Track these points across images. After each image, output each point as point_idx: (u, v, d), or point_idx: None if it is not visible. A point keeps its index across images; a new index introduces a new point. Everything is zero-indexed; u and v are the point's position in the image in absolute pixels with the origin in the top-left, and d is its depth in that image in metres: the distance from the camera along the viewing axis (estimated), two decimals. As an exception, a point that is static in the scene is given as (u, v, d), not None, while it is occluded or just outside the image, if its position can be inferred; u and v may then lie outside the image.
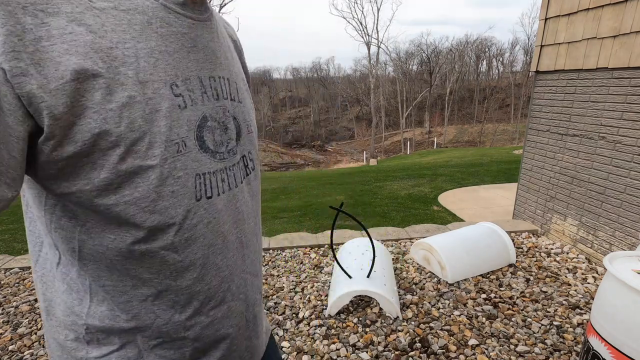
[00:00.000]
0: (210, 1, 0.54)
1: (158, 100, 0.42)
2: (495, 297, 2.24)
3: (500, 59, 44.77)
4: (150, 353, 0.51)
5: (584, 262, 2.68)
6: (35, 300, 2.30)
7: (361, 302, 2.17)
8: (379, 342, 1.86)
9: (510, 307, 2.14)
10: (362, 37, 31.12)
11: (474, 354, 1.77)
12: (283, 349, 1.85)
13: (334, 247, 2.87)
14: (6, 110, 0.34)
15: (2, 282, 2.52)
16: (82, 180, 0.39)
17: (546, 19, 3.01)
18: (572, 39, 2.79)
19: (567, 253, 2.84)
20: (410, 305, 2.16)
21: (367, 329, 1.96)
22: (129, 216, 0.42)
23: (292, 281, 2.49)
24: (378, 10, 36.54)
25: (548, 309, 2.11)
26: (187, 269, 0.49)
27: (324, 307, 2.16)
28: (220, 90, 0.52)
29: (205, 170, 0.48)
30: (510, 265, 2.62)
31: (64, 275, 0.48)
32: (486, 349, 1.80)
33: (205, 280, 0.51)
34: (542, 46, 3.08)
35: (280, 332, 1.97)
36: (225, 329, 0.55)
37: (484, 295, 2.25)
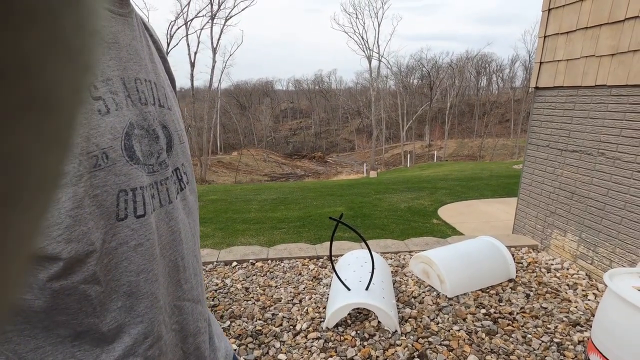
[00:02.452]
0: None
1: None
2: (495, 312, 2.22)
3: (500, 75, 45.31)
4: None
5: (584, 279, 2.67)
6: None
7: (359, 315, 2.15)
8: (377, 357, 1.84)
9: (510, 322, 2.11)
10: (364, 52, 31.56)
11: (473, 371, 1.75)
12: (280, 361, 1.83)
13: (333, 258, 2.85)
14: None
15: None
16: None
17: (545, 37, 3.07)
18: (570, 56, 2.83)
19: (568, 269, 2.82)
20: (409, 319, 2.14)
21: (365, 343, 1.93)
22: (37, 249, 0.34)
23: (290, 292, 2.47)
24: (379, 25, 37.14)
25: (548, 326, 2.09)
26: (110, 299, 0.40)
27: (322, 319, 2.14)
28: (147, 95, 0.46)
29: (136, 185, 0.41)
30: (510, 280, 2.60)
31: None
32: (486, 366, 1.78)
33: (137, 311, 0.42)
34: (541, 63, 3.12)
35: (277, 344, 1.94)
36: None
37: (483, 310, 2.23)
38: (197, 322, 0.53)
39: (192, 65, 23.11)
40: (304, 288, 2.53)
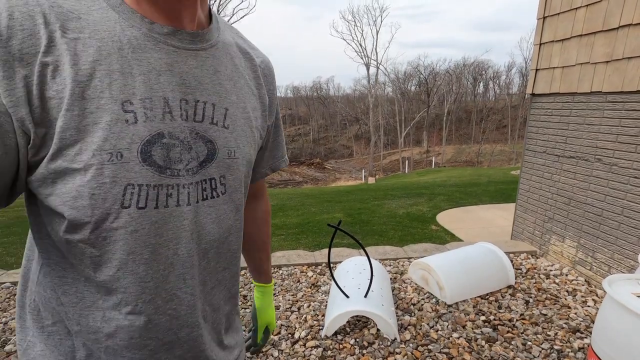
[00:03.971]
0: (217, 35, 0.59)
1: (99, 114, 0.47)
2: (494, 319, 2.20)
3: (497, 82, 45.69)
4: (76, 336, 0.56)
5: (583, 285, 2.66)
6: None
7: (358, 323, 2.13)
8: (377, 365, 1.82)
9: (510, 329, 2.10)
10: (362, 59, 31.80)
11: (473, 379, 1.73)
12: (278, 370, 1.81)
13: (332, 265, 2.84)
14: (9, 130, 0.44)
15: (-8, 297, 2.47)
16: (30, 175, 0.48)
17: (541, 44, 3.10)
18: (566, 63, 2.86)
19: (567, 275, 2.82)
20: (409, 327, 2.12)
21: (364, 351, 1.92)
22: (55, 206, 0.48)
23: (289, 300, 2.45)
24: (377, 32, 37.51)
25: (548, 333, 2.07)
26: (104, 265, 0.51)
27: (321, 327, 2.12)
28: (193, 113, 0.54)
29: (143, 182, 0.50)
30: (509, 287, 2.59)
31: (33, 248, 0.57)
32: (486, 374, 1.76)
33: (122, 283, 0.52)
34: (537, 70, 3.15)
35: (275, 353, 1.92)
36: (143, 339, 0.55)
37: (483, 317, 2.21)
38: (196, 317, 0.59)
39: (191, 72, 23.18)
40: (303, 295, 2.51)
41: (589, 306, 2.36)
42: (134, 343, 0.55)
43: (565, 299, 2.44)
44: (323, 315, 2.24)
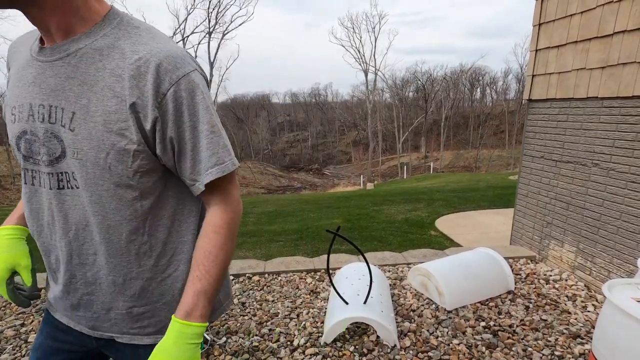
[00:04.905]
0: (83, 46, 0.65)
1: (7, 116, 0.72)
2: (494, 325, 2.19)
3: (494, 87, 46.02)
4: None
5: (583, 290, 2.65)
6: (22, 325, 2.22)
7: (358, 329, 2.12)
8: (376, 372, 1.80)
9: (510, 335, 2.09)
10: (360, 65, 32.01)
11: (474, 386, 1.71)
12: (277, 378, 1.79)
13: (331, 271, 2.83)
14: None
15: (-12, 306, 2.44)
16: None
17: (537, 50, 3.13)
18: (562, 69, 2.88)
19: (566, 280, 2.81)
20: (408, 333, 2.11)
21: (364, 358, 1.90)
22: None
23: (288, 307, 2.43)
24: (375, 39, 37.80)
25: (549, 338, 2.06)
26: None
27: (320, 334, 2.11)
28: (48, 116, 0.66)
29: (21, 164, 0.72)
30: (508, 292, 2.58)
31: None
32: (487, 380, 1.74)
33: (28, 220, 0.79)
34: (533, 76, 3.17)
35: (274, 361, 1.91)
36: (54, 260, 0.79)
37: (483, 323, 2.20)
38: (65, 270, 0.75)
39: (190, 79, 23.15)
40: (302, 302, 2.50)
41: (589, 311, 2.35)
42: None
43: (565, 304, 2.43)
44: (322, 322, 2.22)
